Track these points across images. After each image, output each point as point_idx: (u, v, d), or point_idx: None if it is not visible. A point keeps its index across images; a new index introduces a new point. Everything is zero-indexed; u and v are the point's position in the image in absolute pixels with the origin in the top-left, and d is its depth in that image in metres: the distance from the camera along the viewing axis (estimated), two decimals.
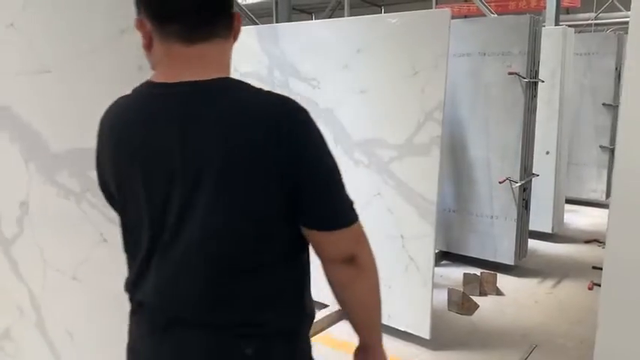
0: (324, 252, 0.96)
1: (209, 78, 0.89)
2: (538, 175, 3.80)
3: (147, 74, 1.43)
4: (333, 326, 2.95)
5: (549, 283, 3.68)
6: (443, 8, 3.05)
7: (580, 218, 5.30)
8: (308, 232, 0.92)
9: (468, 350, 2.79)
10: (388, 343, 2.68)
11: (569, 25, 4.61)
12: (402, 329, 2.77)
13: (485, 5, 4.92)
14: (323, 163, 0.90)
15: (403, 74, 2.65)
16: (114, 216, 1.72)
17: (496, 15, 4.82)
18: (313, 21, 3.19)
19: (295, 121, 0.87)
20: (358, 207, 0.95)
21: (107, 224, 1.84)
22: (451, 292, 3.22)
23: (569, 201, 4.96)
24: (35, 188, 1.88)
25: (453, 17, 2.63)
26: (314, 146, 0.89)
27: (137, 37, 1.43)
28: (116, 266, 1.81)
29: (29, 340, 2.06)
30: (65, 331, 2.01)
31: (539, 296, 3.43)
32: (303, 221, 0.91)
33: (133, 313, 1.05)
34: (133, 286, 1.03)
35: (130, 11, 1.56)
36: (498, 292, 3.40)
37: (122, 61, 1.67)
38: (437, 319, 2.85)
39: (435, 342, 2.75)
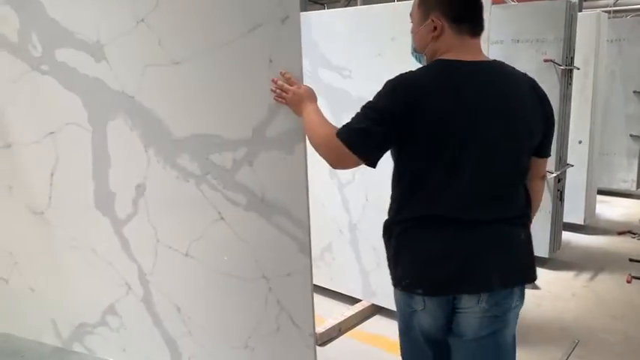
0: (541, 172, 1.49)
1: (486, 60, 1.38)
2: (573, 166, 3.69)
3: (278, 67, 1.66)
4: (366, 321, 2.90)
5: (585, 275, 3.58)
6: None
7: (611, 209, 5.18)
8: (534, 160, 1.43)
9: None
10: None
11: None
12: None
13: None
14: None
15: None
16: (234, 197, 1.77)
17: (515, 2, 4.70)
18: (345, 8, 3.06)
19: (540, 87, 1.41)
20: None
21: (226, 204, 1.87)
22: None
23: (599, 192, 4.84)
24: (153, 171, 1.95)
25: None
26: (550, 105, 1.43)
27: (268, 33, 1.65)
28: (231, 243, 1.87)
29: (134, 314, 2.15)
30: (172, 304, 2.09)
31: (576, 289, 3.33)
32: (540, 153, 1.44)
33: (435, 224, 1.33)
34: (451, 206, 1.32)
35: (262, 10, 1.63)
36: (534, 286, 3.31)
37: (252, 55, 1.69)
38: None
39: None
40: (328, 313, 2.87)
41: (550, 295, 3.24)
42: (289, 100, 1.63)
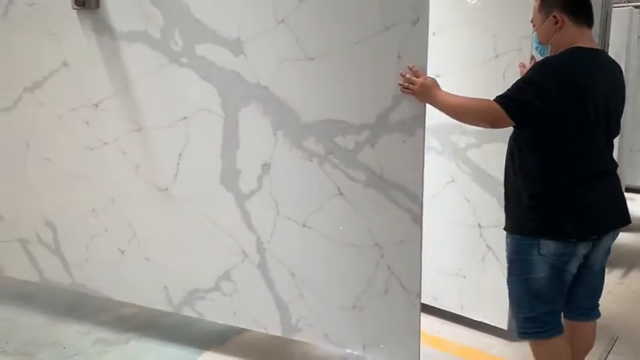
0: None
1: (600, 48, 1.86)
2: None
3: (406, 62, 1.99)
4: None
5: (618, 272, 3.69)
6: None
7: (638, 206, 5.28)
8: None
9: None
10: (463, 332, 2.80)
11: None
12: (478, 319, 2.83)
13: None
14: None
15: (482, 58, 2.62)
16: (354, 175, 2.09)
17: None
18: None
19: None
20: (429, 195, 1.43)
21: (346, 180, 2.15)
22: None
23: (626, 189, 4.86)
24: (279, 152, 2.25)
25: None
26: None
27: (400, 33, 1.96)
28: (348, 215, 2.19)
29: (248, 280, 2.42)
30: (287, 270, 2.36)
31: (611, 286, 3.39)
32: None
33: (589, 179, 1.78)
34: (591, 163, 1.79)
35: (397, 13, 1.95)
36: None
37: (383, 52, 1.98)
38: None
39: (512, 332, 2.65)
40: None
41: None
42: (416, 90, 1.93)
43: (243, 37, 2.24)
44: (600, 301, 2.05)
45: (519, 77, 2.31)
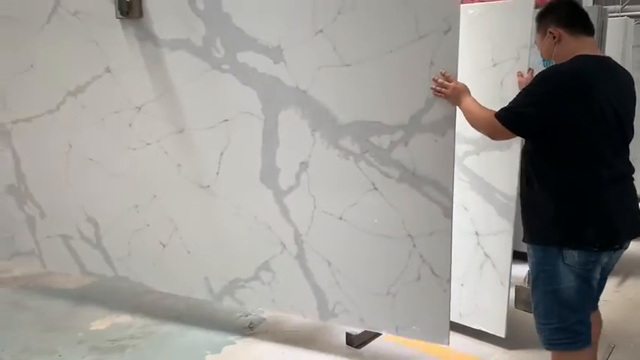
0: None
1: (604, 55, 2.01)
2: None
3: (438, 68, 2.18)
4: None
5: (614, 280, 3.64)
6: None
7: None
8: None
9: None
10: (462, 340, 2.82)
11: None
12: (476, 327, 2.82)
13: None
14: None
15: (481, 66, 2.65)
16: (388, 171, 2.26)
17: None
18: None
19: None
20: None
21: (380, 177, 2.33)
22: (519, 289, 3.15)
23: None
24: (317, 151, 2.42)
25: None
26: None
27: (432, 41, 2.16)
28: (382, 208, 2.38)
29: (287, 269, 2.61)
30: (324, 260, 2.55)
31: (607, 294, 3.13)
32: None
33: (606, 184, 1.80)
34: (610, 168, 1.82)
35: (430, 23, 2.13)
36: None
37: (416, 59, 2.16)
38: (508, 317, 2.73)
39: (510, 341, 2.74)
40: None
41: None
42: (448, 94, 2.11)
43: (283, 45, 2.42)
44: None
45: (517, 86, 2.47)
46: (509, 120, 1.81)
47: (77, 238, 3.26)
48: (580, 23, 1.88)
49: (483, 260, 2.76)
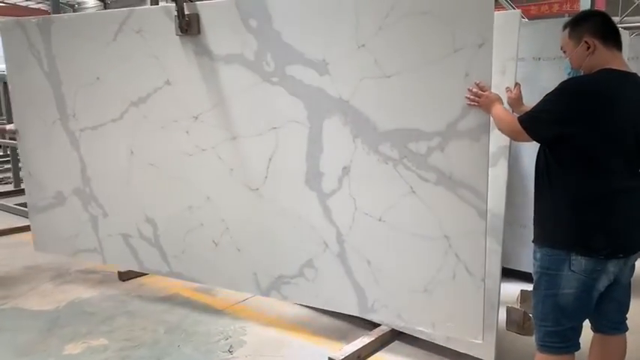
0: None
1: (631, 71, 1.93)
2: None
3: (473, 79, 2.36)
4: (385, 347, 3.01)
5: None
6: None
7: None
8: None
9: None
10: None
11: None
12: (464, 351, 2.80)
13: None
14: None
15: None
16: (426, 176, 2.45)
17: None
18: None
19: None
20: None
21: (418, 181, 2.50)
22: (510, 310, 3.12)
23: None
24: (358, 156, 2.62)
25: None
26: None
27: (468, 54, 2.30)
28: (419, 210, 2.54)
29: (329, 267, 2.81)
30: (364, 259, 2.73)
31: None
32: None
33: (620, 196, 1.88)
34: (624, 180, 1.90)
35: (466, 37, 2.28)
36: None
37: (452, 70, 2.32)
38: (497, 340, 2.72)
39: None
40: (342, 336, 3.09)
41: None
42: (482, 103, 2.26)
43: (328, 59, 2.62)
44: (589, 331, 2.12)
45: (505, 102, 2.46)
46: (526, 122, 1.94)
47: (136, 236, 3.54)
48: (612, 37, 1.94)
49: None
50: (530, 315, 2.94)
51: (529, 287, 3.25)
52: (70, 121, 3.60)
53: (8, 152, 8.20)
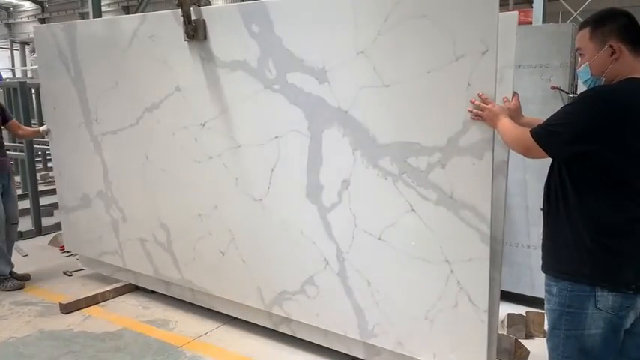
0: None
1: None
2: None
3: (475, 90, 2.08)
4: None
5: None
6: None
7: None
8: None
9: None
10: None
11: None
12: None
13: None
14: None
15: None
16: (426, 194, 2.27)
17: None
18: None
19: None
20: None
21: (418, 199, 2.32)
22: (501, 338, 2.88)
23: None
24: (357, 170, 2.48)
25: None
26: None
27: (470, 63, 2.05)
28: (419, 231, 2.34)
29: (330, 285, 2.70)
30: (364, 279, 2.59)
31: None
32: None
33: None
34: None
35: (468, 44, 2.05)
36: (545, 334, 2.75)
37: (454, 80, 2.13)
38: None
39: None
40: None
41: None
42: (485, 116, 2.03)
43: (327, 66, 2.47)
44: None
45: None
46: (541, 137, 1.68)
47: (152, 241, 3.54)
48: (639, 40, 1.67)
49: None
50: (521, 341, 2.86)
51: (515, 310, 3.21)
52: (93, 125, 3.66)
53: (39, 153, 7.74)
